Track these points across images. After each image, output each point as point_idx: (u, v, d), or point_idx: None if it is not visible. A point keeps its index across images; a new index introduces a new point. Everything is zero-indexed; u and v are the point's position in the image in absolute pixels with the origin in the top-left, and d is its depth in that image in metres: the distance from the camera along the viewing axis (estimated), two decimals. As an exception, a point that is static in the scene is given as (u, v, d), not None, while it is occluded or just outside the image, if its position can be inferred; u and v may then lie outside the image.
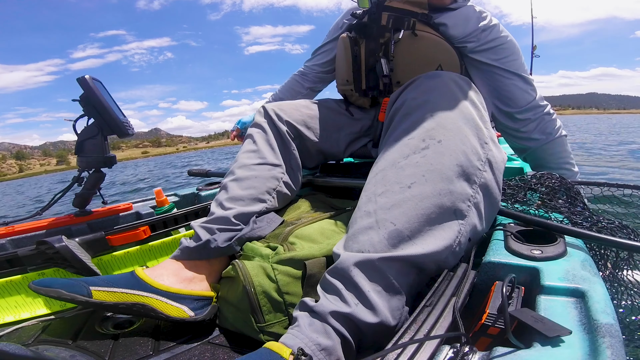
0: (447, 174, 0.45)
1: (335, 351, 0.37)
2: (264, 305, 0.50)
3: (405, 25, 0.76)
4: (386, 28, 0.78)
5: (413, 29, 0.76)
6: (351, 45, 0.85)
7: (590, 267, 0.41)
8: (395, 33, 0.77)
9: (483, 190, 0.47)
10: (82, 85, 0.77)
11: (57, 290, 0.50)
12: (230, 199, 0.67)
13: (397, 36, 0.77)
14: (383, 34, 0.79)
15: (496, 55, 0.80)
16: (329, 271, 0.43)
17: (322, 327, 0.38)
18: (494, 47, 0.79)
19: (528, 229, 0.51)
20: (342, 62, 0.89)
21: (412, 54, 0.78)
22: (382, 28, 0.79)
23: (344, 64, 0.89)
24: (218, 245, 0.60)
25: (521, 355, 0.29)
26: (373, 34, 0.80)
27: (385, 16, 0.79)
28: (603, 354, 0.27)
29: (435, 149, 0.46)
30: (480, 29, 0.78)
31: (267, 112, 0.79)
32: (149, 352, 0.50)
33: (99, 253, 0.76)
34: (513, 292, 0.38)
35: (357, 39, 0.84)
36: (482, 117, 0.52)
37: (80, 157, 0.80)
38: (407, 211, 0.43)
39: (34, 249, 0.67)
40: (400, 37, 0.76)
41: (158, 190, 1.02)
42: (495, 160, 0.50)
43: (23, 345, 0.50)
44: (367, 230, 0.44)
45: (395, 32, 0.77)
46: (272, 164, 0.74)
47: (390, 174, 0.47)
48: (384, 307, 0.39)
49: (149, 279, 0.54)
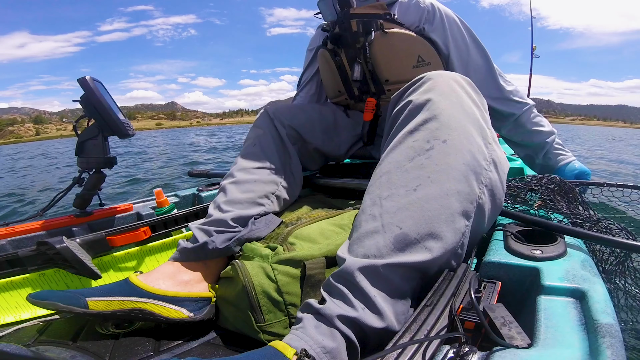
0: (453, 173, 0.44)
1: (339, 354, 0.36)
2: (264, 304, 0.50)
3: (374, 26, 0.80)
4: (358, 33, 0.82)
5: (382, 28, 0.80)
6: (332, 56, 0.88)
7: (590, 267, 0.41)
8: (367, 36, 0.80)
9: (489, 190, 0.47)
10: (82, 86, 0.77)
11: (54, 303, 0.50)
12: (228, 201, 0.67)
13: (369, 38, 0.80)
14: (357, 40, 0.83)
15: (446, 34, 0.85)
16: (333, 275, 0.43)
17: (329, 330, 0.37)
18: (440, 26, 0.85)
19: (528, 229, 0.51)
20: (328, 75, 0.92)
21: (389, 51, 0.82)
22: (354, 34, 0.82)
23: (330, 77, 0.92)
24: (216, 246, 0.60)
25: (521, 355, 0.29)
26: (348, 41, 0.83)
27: (354, 23, 0.82)
28: (603, 354, 0.27)
29: (440, 149, 0.46)
30: (424, 11, 0.84)
31: (269, 115, 0.80)
32: (149, 352, 0.50)
33: (100, 253, 0.76)
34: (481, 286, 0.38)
35: (335, 50, 0.87)
36: (484, 117, 0.51)
37: (81, 157, 0.80)
38: (414, 214, 0.43)
39: (35, 249, 0.67)
40: (373, 38, 0.80)
41: (158, 191, 1.02)
42: (499, 161, 0.49)
43: (23, 345, 0.50)
44: (373, 234, 0.43)
45: (367, 35, 0.80)
46: (272, 167, 0.74)
47: (395, 177, 0.46)
48: (389, 312, 0.39)
49: (144, 284, 0.54)
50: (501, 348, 0.30)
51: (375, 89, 0.86)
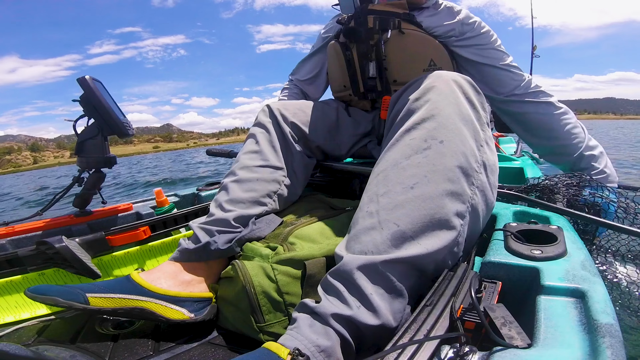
0: (448, 174, 0.45)
1: (334, 352, 0.37)
2: (264, 305, 0.50)
3: (392, 25, 0.79)
4: (374, 30, 0.81)
5: (399, 27, 0.78)
6: (343, 50, 0.86)
7: (590, 267, 0.41)
8: (383, 33, 0.79)
9: (480, 191, 0.48)
10: (82, 85, 0.77)
11: (53, 298, 0.49)
12: (230, 200, 0.67)
13: (385, 36, 0.79)
14: (372, 36, 0.81)
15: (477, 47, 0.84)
16: (330, 273, 0.43)
17: (323, 328, 0.38)
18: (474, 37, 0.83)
19: (528, 229, 0.51)
20: (336, 68, 0.91)
21: (403, 51, 0.80)
22: (370, 30, 0.81)
23: (338, 70, 0.90)
24: (218, 247, 0.60)
25: (521, 355, 0.29)
26: (362, 37, 0.82)
27: (371, 19, 0.81)
28: (603, 354, 0.27)
29: (437, 149, 0.46)
30: (458, 23, 0.82)
31: (272, 112, 0.79)
32: (149, 352, 0.50)
33: (99, 253, 0.76)
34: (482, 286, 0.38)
35: (347, 44, 0.86)
36: (479, 119, 0.52)
37: (80, 157, 0.80)
38: (410, 212, 0.43)
39: (34, 249, 0.67)
40: (389, 37, 0.79)
41: (158, 191, 1.02)
42: (489, 163, 0.50)
43: (23, 345, 0.50)
44: (370, 230, 0.44)
45: (383, 32, 0.79)
46: (274, 166, 0.73)
47: (392, 174, 0.47)
48: (386, 309, 0.39)
49: (146, 282, 0.54)
50: (501, 348, 0.30)
51: (382, 88, 0.85)
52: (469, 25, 0.82)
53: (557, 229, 0.50)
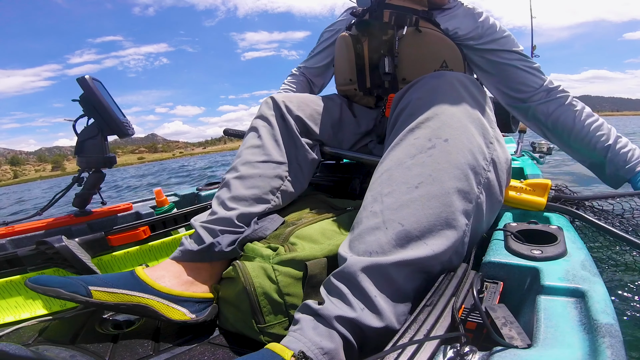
0: (454, 172, 0.45)
1: (338, 354, 0.36)
2: (265, 306, 0.50)
3: (408, 21, 0.76)
4: (389, 25, 0.78)
5: (416, 25, 0.76)
6: (353, 43, 0.83)
7: (591, 267, 0.41)
8: (398, 30, 0.77)
9: (486, 190, 0.47)
10: (82, 85, 0.77)
11: (55, 289, 0.48)
12: (233, 198, 0.65)
13: (401, 32, 0.76)
14: (386, 31, 0.79)
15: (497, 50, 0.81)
16: (334, 274, 0.43)
17: (327, 331, 0.37)
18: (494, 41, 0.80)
19: (528, 229, 0.51)
20: (344, 61, 0.88)
21: (417, 50, 0.78)
22: (384, 25, 0.78)
23: (345, 63, 0.87)
24: (222, 249, 0.59)
25: (521, 355, 0.29)
26: (376, 31, 0.79)
27: (387, 13, 0.78)
28: (603, 354, 0.27)
29: (442, 147, 0.46)
30: (479, 26, 0.79)
31: (277, 104, 0.74)
32: (149, 352, 0.50)
33: (99, 253, 0.76)
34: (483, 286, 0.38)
35: (358, 37, 0.83)
36: (487, 117, 0.52)
37: (80, 157, 0.80)
38: (415, 211, 0.43)
39: (34, 249, 0.67)
40: (405, 33, 0.76)
41: (158, 190, 1.02)
42: (499, 161, 0.50)
43: (23, 345, 0.50)
44: (374, 230, 0.43)
45: (398, 28, 0.77)
46: (277, 161, 0.71)
47: (397, 173, 0.47)
48: (390, 312, 0.39)
49: (150, 280, 0.53)
50: (501, 348, 0.30)
51: (389, 85, 0.83)
52: (490, 29, 0.80)
53: (557, 229, 0.50)
